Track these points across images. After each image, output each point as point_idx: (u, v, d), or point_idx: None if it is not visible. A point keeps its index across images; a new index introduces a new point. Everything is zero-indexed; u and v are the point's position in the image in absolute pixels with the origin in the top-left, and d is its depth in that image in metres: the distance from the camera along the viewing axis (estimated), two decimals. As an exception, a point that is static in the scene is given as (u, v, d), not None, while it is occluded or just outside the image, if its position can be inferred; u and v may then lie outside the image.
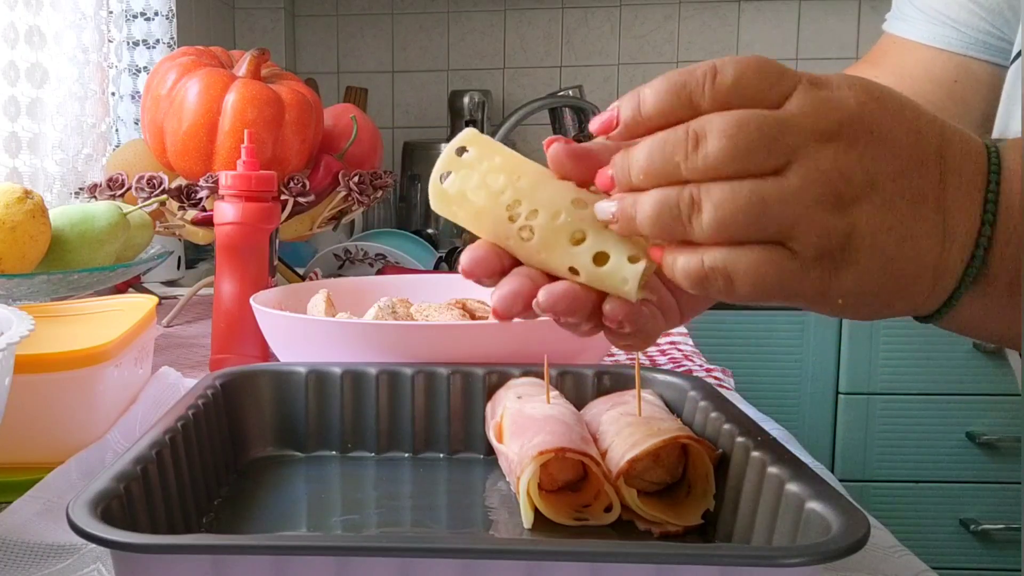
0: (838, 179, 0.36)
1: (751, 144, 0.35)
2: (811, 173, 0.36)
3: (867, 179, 0.36)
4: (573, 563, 0.34)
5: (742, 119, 0.36)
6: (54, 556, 0.45)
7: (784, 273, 0.37)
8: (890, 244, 0.37)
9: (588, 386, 0.59)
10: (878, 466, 1.66)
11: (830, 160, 0.36)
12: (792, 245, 0.36)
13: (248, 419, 0.58)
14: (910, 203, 0.37)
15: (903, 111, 0.38)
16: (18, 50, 1.11)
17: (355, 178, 1.07)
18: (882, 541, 0.48)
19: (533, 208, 0.40)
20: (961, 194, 0.38)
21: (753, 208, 0.35)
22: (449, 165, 0.42)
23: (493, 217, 0.41)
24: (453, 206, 0.42)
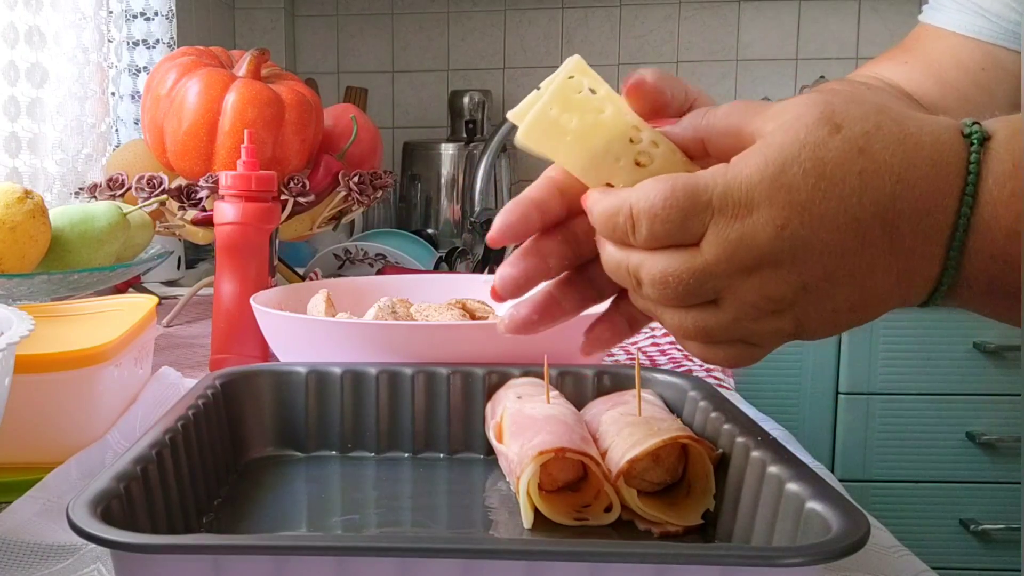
0: (767, 302, 0.38)
1: (677, 293, 0.39)
2: (741, 306, 0.39)
3: (796, 288, 0.38)
4: (573, 563, 0.34)
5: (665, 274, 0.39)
6: (54, 556, 0.45)
7: (752, 354, 0.42)
8: (840, 316, 0.39)
9: (588, 386, 0.59)
10: (878, 466, 1.66)
11: (755, 291, 0.38)
12: (750, 342, 0.41)
13: (248, 419, 0.58)
14: (851, 284, 0.38)
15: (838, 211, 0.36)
16: (18, 50, 1.11)
17: (355, 178, 1.07)
18: (882, 541, 0.48)
19: (654, 139, 0.42)
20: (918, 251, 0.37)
21: (700, 334, 0.41)
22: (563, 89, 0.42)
23: (613, 133, 0.42)
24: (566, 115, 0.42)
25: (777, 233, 0.37)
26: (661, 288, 0.39)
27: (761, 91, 2.13)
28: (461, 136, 1.96)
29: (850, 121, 0.37)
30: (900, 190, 0.36)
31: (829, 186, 0.36)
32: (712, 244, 0.38)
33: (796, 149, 0.37)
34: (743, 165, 0.38)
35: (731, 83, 2.15)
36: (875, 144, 0.37)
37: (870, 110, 0.38)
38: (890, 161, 0.36)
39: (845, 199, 0.36)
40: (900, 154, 0.36)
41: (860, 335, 1.63)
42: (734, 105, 0.41)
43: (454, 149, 1.93)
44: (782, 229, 0.37)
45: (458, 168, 1.92)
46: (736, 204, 0.37)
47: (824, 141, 0.37)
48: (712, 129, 0.41)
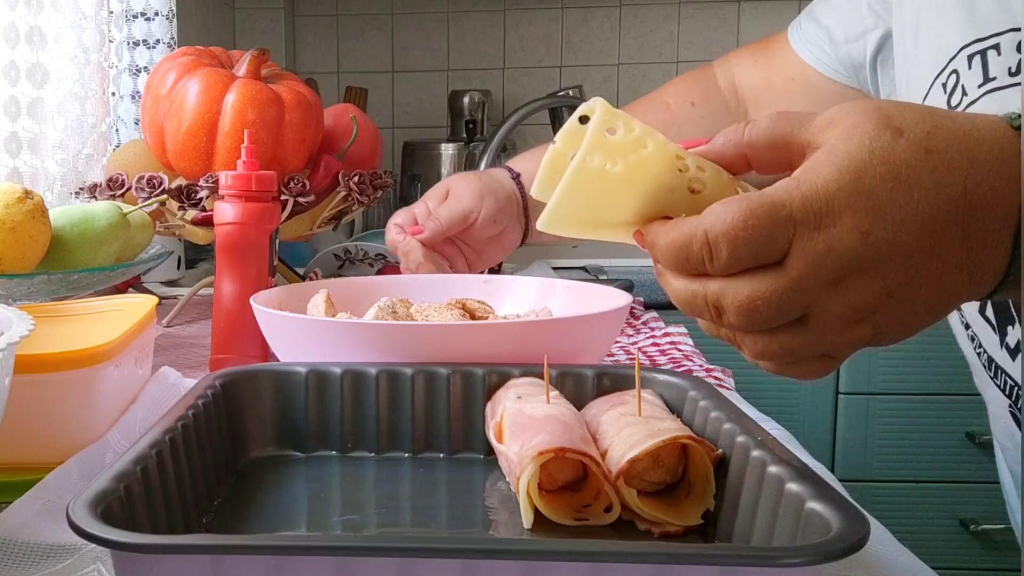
0: (852, 312, 0.38)
1: (766, 318, 0.39)
2: (827, 320, 0.39)
3: (880, 294, 0.38)
4: (573, 563, 0.34)
5: (753, 298, 0.38)
6: (54, 556, 0.45)
7: (831, 367, 0.42)
8: (917, 319, 0.39)
9: (588, 386, 0.59)
10: (878, 466, 1.66)
11: (841, 303, 0.38)
12: (833, 355, 0.41)
13: (248, 419, 0.58)
14: (930, 285, 0.38)
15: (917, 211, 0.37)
16: (19, 50, 1.11)
17: (355, 178, 1.07)
18: (882, 541, 0.48)
19: (698, 164, 0.42)
20: (988, 247, 0.38)
21: (786, 356, 0.40)
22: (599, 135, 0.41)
23: (661, 166, 0.41)
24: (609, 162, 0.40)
25: (862, 240, 0.37)
26: (749, 314, 0.39)
27: (761, 91, 2.13)
28: (461, 136, 1.96)
29: (909, 124, 0.38)
30: (971, 185, 0.37)
31: (906, 188, 0.37)
32: (798, 258, 0.37)
33: (867, 156, 0.37)
34: (815, 176, 0.37)
35: (731, 83, 2.14)
36: (939, 143, 0.37)
37: (924, 112, 0.38)
38: (957, 159, 0.37)
39: (922, 199, 0.37)
40: (964, 151, 0.37)
41: (860, 335, 1.63)
42: (776, 116, 0.41)
43: (454, 149, 1.93)
44: (867, 235, 0.37)
45: (458, 168, 1.92)
46: (818, 214, 0.37)
47: (892, 145, 0.37)
48: (755, 144, 0.41)
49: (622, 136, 0.40)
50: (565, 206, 0.41)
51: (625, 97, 2.17)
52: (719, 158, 0.42)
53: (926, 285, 0.38)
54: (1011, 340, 0.58)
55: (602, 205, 0.41)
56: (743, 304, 0.38)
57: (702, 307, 0.40)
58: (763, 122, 0.41)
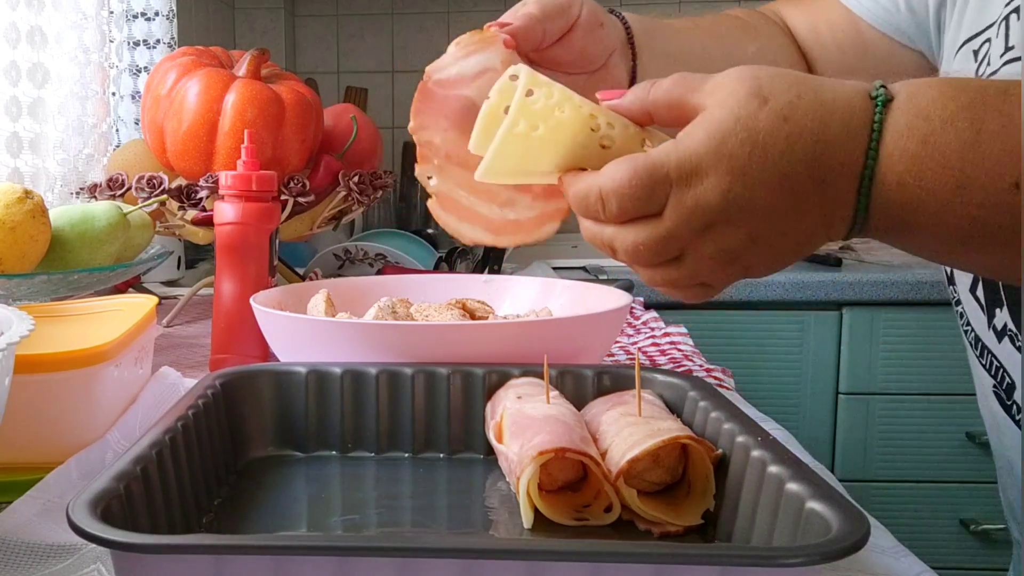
0: (723, 254, 0.45)
1: (649, 254, 0.46)
2: (700, 259, 0.46)
3: (746, 239, 0.45)
4: (573, 563, 0.34)
5: (636, 243, 0.46)
6: (54, 556, 0.45)
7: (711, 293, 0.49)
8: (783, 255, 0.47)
9: (588, 386, 0.59)
10: (878, 466, 1.66)
11: (711, 245, 0.45)
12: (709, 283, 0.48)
13: (248, 419, 0.58)
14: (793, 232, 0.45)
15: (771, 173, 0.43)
16: (20, 50, 1.11)
17: (355, 178, 1.07)
18: (882, 541, 0.48)
19: (609, 121, 0.48)
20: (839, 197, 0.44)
21: (667, 283, 0.48)
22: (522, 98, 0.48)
23: (576, 128, 0.47)
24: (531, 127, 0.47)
25: (724, 196, 0.44)
26: (633, 255, 0.47)
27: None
28: (461, 136, 1.96)
29: (776, 94, 0.44)
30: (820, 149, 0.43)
31: (762, 152, 0.43)
32: (673, 210, 0.45)
33: (732, 123, 0.43)
34: (689, 140, 0.44)
35: (731, 83, 2.14)
36: (796, 113, 0.43)
37: (792, 82, 0.44)
38: (810, 126, 0.43)
39: (775, 161, 0.43)
40: (818, 119, 0.43)
41: (860, 335, 1.63)
42: (675, 79, 0.47)
43: (454, 149, 1.93)
44: (727, 192, 0.44)
45: (458, 168, 1.91)
46: (688, 174, 0.44)
47: (755, 113, 0.43)
48: (657, 103, 0.48)
49: (543, 103, 0.47)
50: (498, 162, 0.48)
51: (625, 97, 2.17)
52: (627, 113, 0.48)
53: (787, 231, 0.45)
54: (998, 322, 0.62)
55: (528, 161, 0.48)
56: (629, 248, 0.46)
57: (600, 245, 0.48)
58: (665, 83, 0.47)
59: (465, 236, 0.53)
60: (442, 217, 0.53)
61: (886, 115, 0.43)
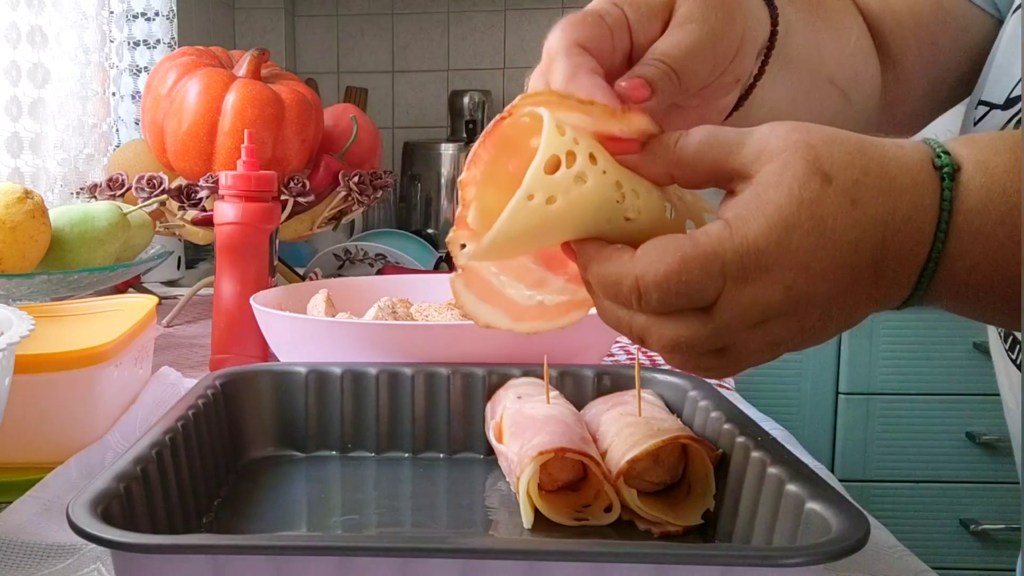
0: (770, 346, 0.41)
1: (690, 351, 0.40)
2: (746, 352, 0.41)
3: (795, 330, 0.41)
4: (573, 563, 0.34)
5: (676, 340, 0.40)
6: (54, 556, 0.45)
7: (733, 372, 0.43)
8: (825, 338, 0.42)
9: (588, 386, 0.59)
10: (878, 466, 1.66)
11: (761, 339, 0.41)
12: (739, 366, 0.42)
13: (248, 419, 0.58)
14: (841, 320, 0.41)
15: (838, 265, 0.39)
16: (20, 50, 1.11)
17: (355, 178, 1.07)
18: (882, 541, 0.48)
19: (634, 188, 0.41)
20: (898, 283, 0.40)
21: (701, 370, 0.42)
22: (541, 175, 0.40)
23: (600, 200, 0.40)
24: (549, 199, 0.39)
25: (785, 293, 0.39)
26: (671, 349, 0.40)
27: (761, 91, 2.13)
28: (461, 136, 1.96)
29: (838, 169, 0.39)
30: (888, 235, 0.39)
31: (829, 243, 0.39)
32: (726, 310, 0.39)
33: (795, 209, 0.39)
34: (747, 228, 0.39)
35: (731, 83, 2.14)
36: (865, 194, 0.39)
37: (853, 152, 0.39)
38: (880, 212, 0.39)
39: (842, 253, 0.39)
40: (887, 204, 0.39)
41: (860, 335, 1.63)
42: (705, 137, 0.41)
43: (454, 149, 1.93)
44: (789, 289, 0.39)
45: (458, 168, 1.92)
46: (747, 269, 0.39)
47: (819, 196, 0.38)
48: (683, 164, 0.41)
49: (563, 174, 0.39)
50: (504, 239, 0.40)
51: (625, 97, 2.17)
52: (647, 174, 0.42)
53: (837, 319, 0.41)
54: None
55: (540, 236, 0.41)
56: (667, 343, 0.40)
57: (626, 332, 0.42)
58: (693, 141, 0.41)
59: (481, 319, 0.45)
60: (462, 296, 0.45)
61: (955, 191, 0.39)
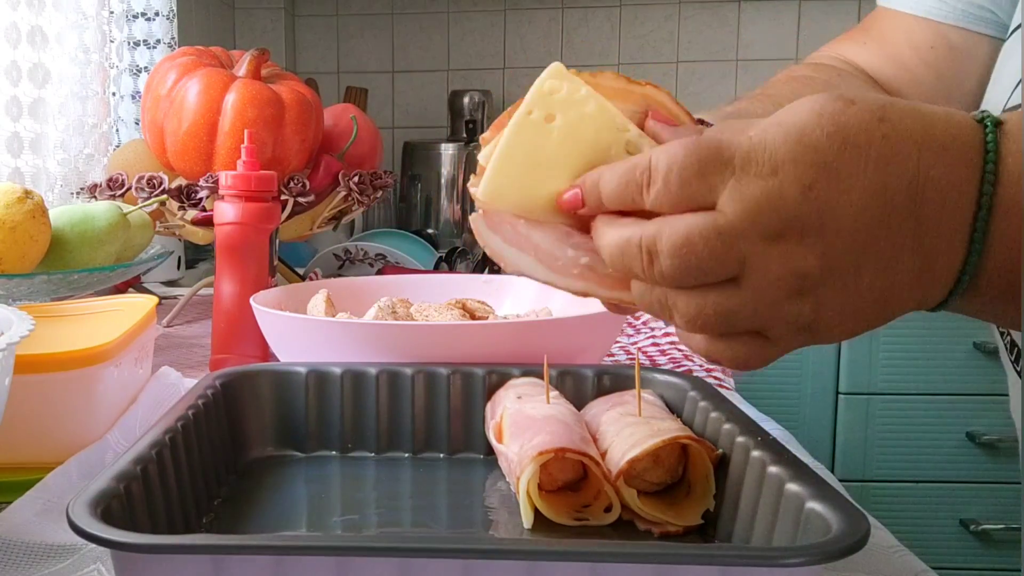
0: (792, 278, 0.36)
1: (701, 262, 0.36)
2: (766, 279, 0.36)
3: (822, 266, 0.35)
4: (573, 563, 0.34)
5: (688, 236, 0.36)
6: (54, 556, 0.45)
7: (768, 353, 0.38)
8: (863, 304, 0.36)
9: (588, 386, 0.59)
10: (878, 466, 1.66)
11: (780, 262, 0.35)
12: (767, 334, 0.38)
13: (248, 419, 0.58)
14: (877, 266, 0.36)
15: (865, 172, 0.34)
16: (20, 50, 1.11)
17: (355, 178, 1.07)
18: (882, 541, 0.48)
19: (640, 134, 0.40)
20: (942, 234, 0.35)
21: (719, 320, 0.37)
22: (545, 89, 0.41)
23: (601, 123, 0.40)
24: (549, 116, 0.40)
25: (804, 193, 0.34)
26: (683, 255, 0.36)
27: (761, 91, 2.13)
28: (461, 136, 1.96)
29: (862, 98, 0.36)
30: (925, 161, 0.35)
31: (855, 150, 0.34)
32: (733, 201, 0.35)
33: (815, 117, 0.35)
34: (763, 131, 0.35)
35: (731, 83, 2.15)
36: (892, 114, 0.35)
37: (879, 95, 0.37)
38: (911, 127, 0.35)
39: (871, 164, 0.34)
40: (919, 124, 0.35)
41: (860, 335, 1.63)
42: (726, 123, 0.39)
43: (454, 149, 1.93)
44: (809, 190, 0.34)
45: (458, 168, 1.92)
46: (759, 164, 0.35)
47: (843, 109, 0.35)
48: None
49: (564, 94, 0.40)
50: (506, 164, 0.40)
51: (625, 97, 2.17)
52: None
53: (872, 266, 0.35)
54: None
55: (541, 162, 0.40)
56: (677, 243, 0.36)
57: (635, 253, 0.37)
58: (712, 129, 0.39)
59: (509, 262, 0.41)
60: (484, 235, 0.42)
61: (1000, 136, 0.35)
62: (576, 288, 0.41)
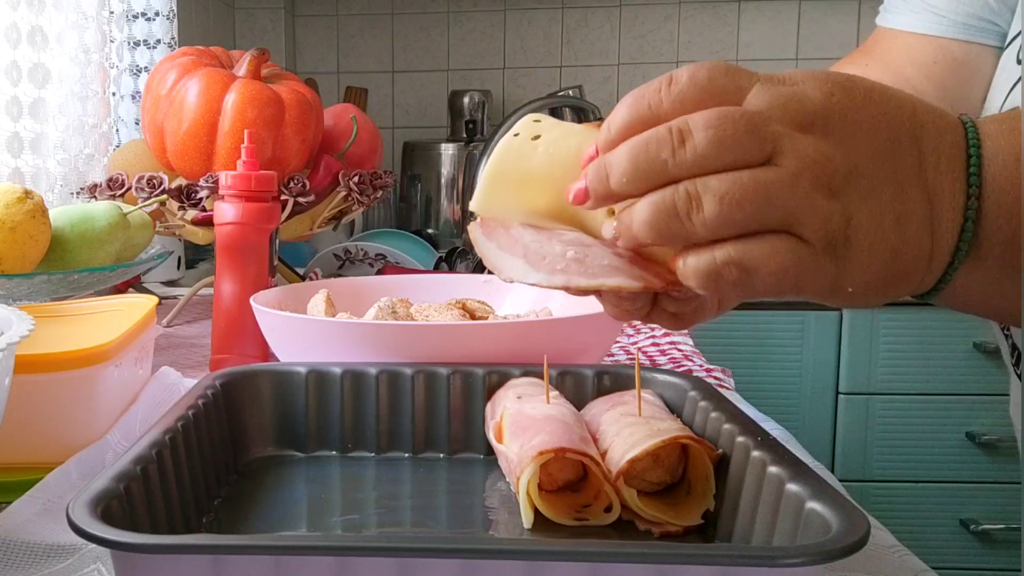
0: (824, 165, 0.36)
1: (738, 133, 0.35)
2: (800, 160, 0.36)
3: (849, 166, 0.37)
4: (573, 563, 0.34)
5: (724, 111, 0.36)
6: (54, 556, 0.45)
7: (800, 261, 0.36)
8: (885, 227, 0.37)
9: (588, 386, 0.59)
10: (878, 466, 1.66)
11: (812, 147, 0.36)
12: (800, 232, 0.36)
13: (248, 419, 0.58)
14: (893, 187, 0.37)
15: (870, 97, 0.38)
16: (21, 50, 1.11)
17: (355, 178, 1.07)
18: (882, 541, 0.48)
19: None
20: (941, 173, 0.38)
21: (757, 196, 0.35)
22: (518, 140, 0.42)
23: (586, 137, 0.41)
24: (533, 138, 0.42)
25: (826, 97, 0.37)
26: (719, 126, 0.35)
27: (761, 91, 2.13)
28: (461, 136, 1.96)
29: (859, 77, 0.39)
30: (920, 109, 0.39)
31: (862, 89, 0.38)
32: (760, 94, 0.36)
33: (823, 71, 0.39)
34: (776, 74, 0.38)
35: (731, 83, 2.14)
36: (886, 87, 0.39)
37: None
38: (903, 93, 0.39)
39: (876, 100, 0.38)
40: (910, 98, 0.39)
41: (860, 335, 1.63)
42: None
43: (454, 149, 1.93)
44: (830, 95, 0.37)
45: (458, 168, 1.92)
46: (781, 79, 0.37)
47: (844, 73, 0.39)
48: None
49: (549, 122, 0.42)
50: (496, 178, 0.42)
51: (625, 97, 2.17)
52: None
53: (889, 184, 0.37)
54: None
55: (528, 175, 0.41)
56: (711, 117, 0.35)
57: (664, 138, 0.36)
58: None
59: (503, 268, 0.42)
60: (479, 243, 0.43)
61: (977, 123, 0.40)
62: (558, 283, 0.40)
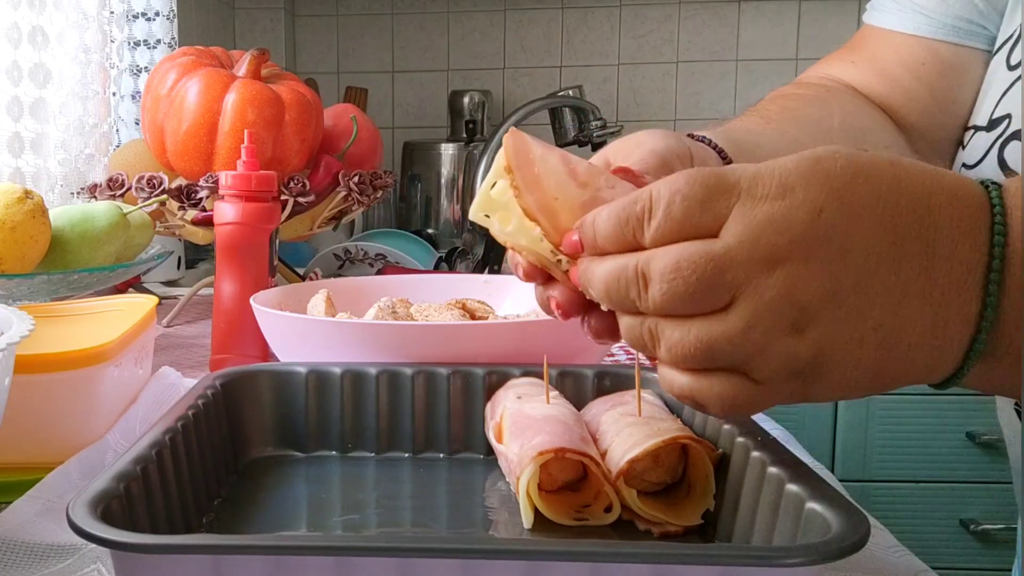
0: (788, 307, 0.34)
1: (690, 288, 0.34)
2: (757, 308, 0.34)
3: (825, 295, 0.34)
4: (573, 563, 0.34)
5: (679, 262, 0.34)
6: (54, 556, 0.45)
7: (753, 397, 0.36)
8: (865, 352, 0.35)
9: (588, 386, 0.59)
10: (878, 466, 1.66)
11: (776, 289, 0.34)
12: (753, 375, 0.35)
13: (248, 419, 0.58)
14: (885, 304, 0.34)
15: (877, 196, 0.34)
16: (21, 50, 1.11)
17: (355, 178, 1.07)
18: (882, 541, 0.48)
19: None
20: (954, 280, 0.34)
21: (701, 351, 0.35)
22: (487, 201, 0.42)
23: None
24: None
25: (813, 217, 0.33)
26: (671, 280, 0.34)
27: (761, 91, 2.13)
28: (461, 136, 1.96)
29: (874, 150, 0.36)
30: (937, 200, 0.34)
31: (867, 182, 0.34)
32: (737, 223, 0.34)
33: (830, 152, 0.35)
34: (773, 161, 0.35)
35: (731, 83, 2.15)
36: (902, 161, 0.35)
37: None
38: (922, 172, 0.35)
39: (883, 198, 0.34)
40: (928, 171, 0.35)
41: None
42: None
43: (454, 149, 1.93)
44: (820, 213, 0.33)
45: (458, 168, 1.92)
46: (767, 186, 0.34)
47: (856, 152, 0.35)
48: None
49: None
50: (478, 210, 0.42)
51: (625, 97, 2.17)
52: None
53: (881, 301, 0.34)
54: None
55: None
56: (667, 268, 0.34)
57: (631, 280, 0.36)
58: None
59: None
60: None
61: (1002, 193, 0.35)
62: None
